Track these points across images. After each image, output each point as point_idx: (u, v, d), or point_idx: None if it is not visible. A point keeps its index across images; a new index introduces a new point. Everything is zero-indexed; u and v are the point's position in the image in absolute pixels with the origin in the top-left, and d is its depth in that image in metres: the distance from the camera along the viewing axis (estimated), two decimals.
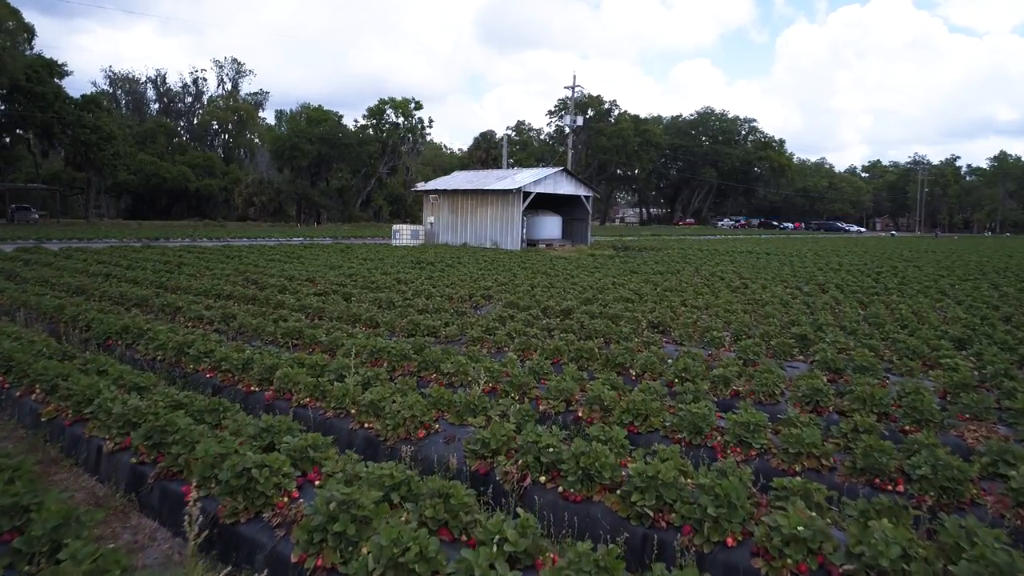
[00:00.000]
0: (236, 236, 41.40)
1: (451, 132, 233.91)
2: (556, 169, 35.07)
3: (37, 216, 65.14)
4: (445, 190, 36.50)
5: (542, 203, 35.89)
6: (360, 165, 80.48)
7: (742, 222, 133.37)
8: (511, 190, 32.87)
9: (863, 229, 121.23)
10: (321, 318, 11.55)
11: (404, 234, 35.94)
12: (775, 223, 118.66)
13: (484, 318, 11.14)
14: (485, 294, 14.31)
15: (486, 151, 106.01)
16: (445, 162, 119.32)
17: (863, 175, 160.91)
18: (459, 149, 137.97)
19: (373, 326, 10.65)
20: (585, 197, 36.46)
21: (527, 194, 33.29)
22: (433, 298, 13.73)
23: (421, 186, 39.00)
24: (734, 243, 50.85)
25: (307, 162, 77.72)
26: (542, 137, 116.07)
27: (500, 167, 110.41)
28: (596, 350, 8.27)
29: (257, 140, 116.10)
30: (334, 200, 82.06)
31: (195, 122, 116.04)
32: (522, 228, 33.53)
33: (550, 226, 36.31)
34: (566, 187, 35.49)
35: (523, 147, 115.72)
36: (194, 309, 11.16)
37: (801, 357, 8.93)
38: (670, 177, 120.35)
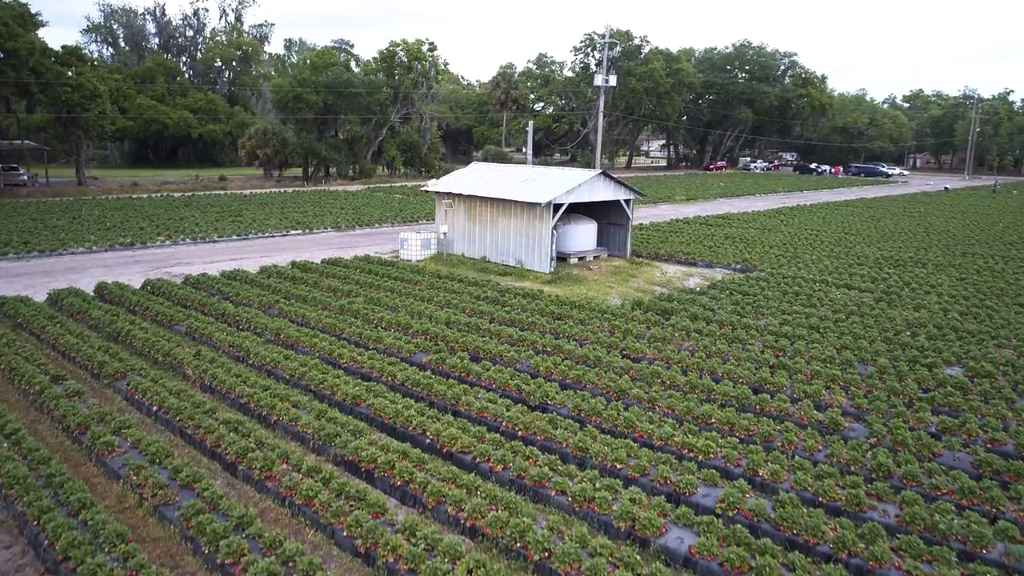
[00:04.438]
0: (227, 234, 36.67)
1: (470, 59, 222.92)
2: (593, 174, 29.51)
3: (26, 177, 60.46)
4: (461, 195, 31.26)
5: (576, 207, 30.74)
6: (370, 114, 74.23)
7: (775, 163, 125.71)
8: (538, 204, 27.69)
9: (905, 172, 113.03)
10: None
11: (413, 244, 31.09)
12: (812, 167, 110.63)
13: None
14: None
15: (505, 91, 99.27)
16: (463, 99, 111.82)
17: (904, 105, 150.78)
18: (477, 81, 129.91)
19: None
20: (625, 201, 31.14)
21: (558, 206, 28.12)
22: None
23: (432, 185, 33.66)
24: (816, 226, 39.46)
25: (312, 114, 71.72)
26: (566, 72, 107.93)
27: (520, 107, 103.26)
28: None
29: (264, 72, 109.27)
30: (343, 152, 76.24)
31: (197, 58, 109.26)
32: (551, 244, 28.50)
33: (584, 236, 31.18)
34: (603, 192, 30.17)
35: (544, 82, 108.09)
36: None
37: None
38: (702, 116, 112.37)
